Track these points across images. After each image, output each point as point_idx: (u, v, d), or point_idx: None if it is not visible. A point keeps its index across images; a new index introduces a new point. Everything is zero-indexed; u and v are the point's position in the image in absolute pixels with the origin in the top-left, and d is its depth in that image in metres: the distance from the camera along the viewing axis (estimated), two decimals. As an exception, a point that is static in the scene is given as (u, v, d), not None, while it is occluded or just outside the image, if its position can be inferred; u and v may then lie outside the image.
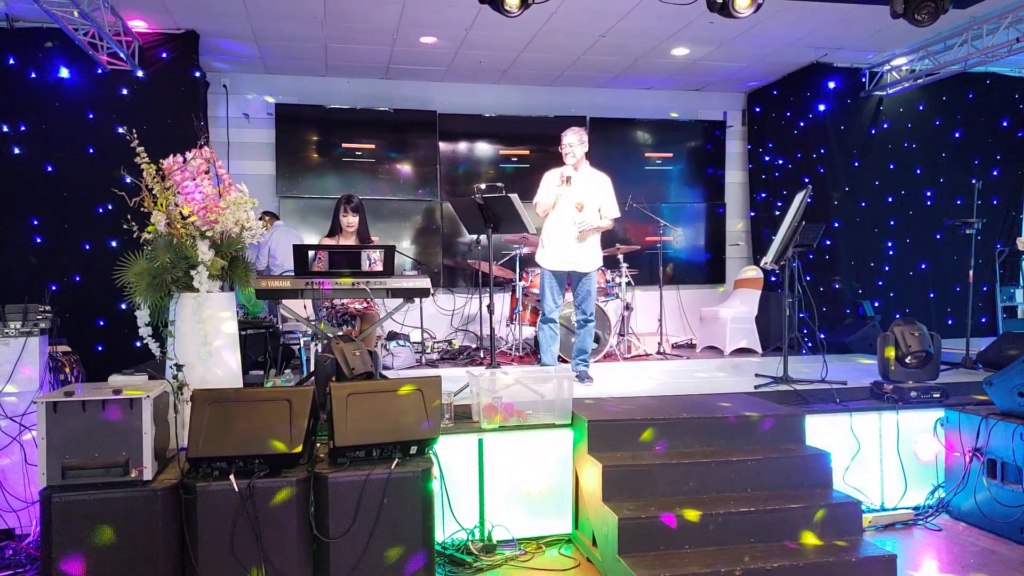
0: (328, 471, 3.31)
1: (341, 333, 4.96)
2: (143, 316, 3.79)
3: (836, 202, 7.99)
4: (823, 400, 4.80)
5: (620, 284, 7.34)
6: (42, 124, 6.37)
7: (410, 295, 4.74)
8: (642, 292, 8.32)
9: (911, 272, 8.29)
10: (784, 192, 8.45)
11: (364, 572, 3.25)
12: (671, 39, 7.12)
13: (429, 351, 7.47)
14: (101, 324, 6.35)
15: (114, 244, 6.15)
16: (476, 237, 7.42)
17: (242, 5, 6.16)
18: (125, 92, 6.56)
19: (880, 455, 4.58)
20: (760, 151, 8.98)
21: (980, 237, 6.69)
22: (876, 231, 8.16)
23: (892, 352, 4.80)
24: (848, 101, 8.09)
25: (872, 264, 8.17)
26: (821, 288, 7.96)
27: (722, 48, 7.42)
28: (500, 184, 5.54)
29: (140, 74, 6.60)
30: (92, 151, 6.37)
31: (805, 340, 7.23)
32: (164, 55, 6.69)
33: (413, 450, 3.51)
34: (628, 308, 7.53)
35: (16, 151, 6.33)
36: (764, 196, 8.90)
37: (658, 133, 9.07)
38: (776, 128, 8.65)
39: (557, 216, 5.33)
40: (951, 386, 4.88)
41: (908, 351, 4.78)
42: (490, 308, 5.05)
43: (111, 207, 6.01)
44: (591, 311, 5.41)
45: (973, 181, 6.48)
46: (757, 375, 5.51)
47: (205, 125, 7.17)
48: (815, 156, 8.11)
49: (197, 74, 6.92)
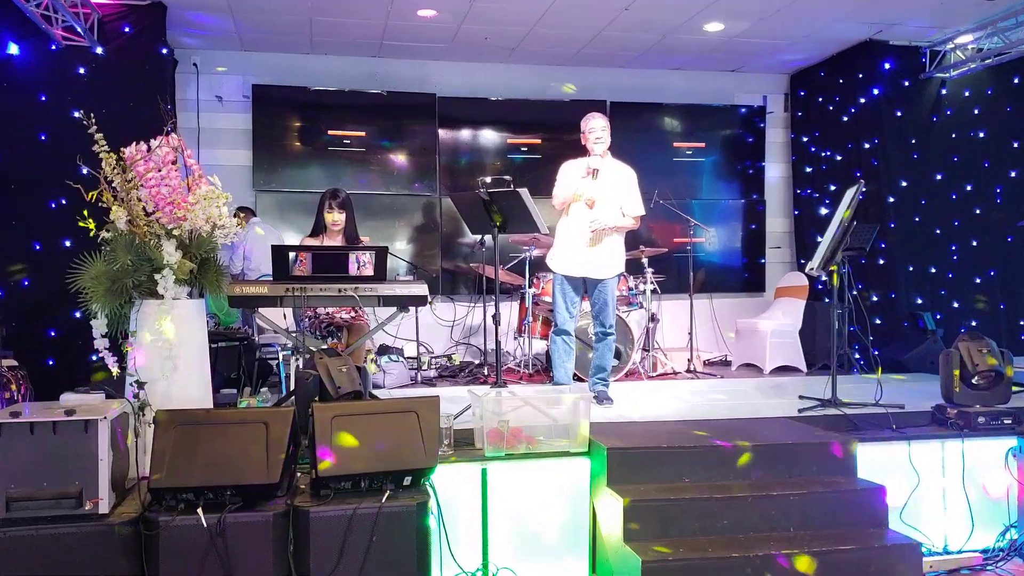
0: (309, 504, 3.31)
1: (325, 346, 4.96)
2: (100, 326, 3.79)
3: (892, 199, 7.97)
4: (877, 426, 4.78)
5: (644, 292, 7.33)
6: (-14, 107, 6.41)
7: (404, 303, 4.74)
8: (669, 301, 8.31)
9: (978, 280, 8.25)
10: (832, 188, 8.45)
11: (350, 620, 3.24)
12: (703, 12, 7.13)
13: (426, 367, 7.46)
14: (52, 335, 6.36)
15: (68, 244, 6.15)
16: (480, 238, 7.41)
17: (216, -27, 6.21)
18: (82, 71, 6.58)
19: (943, 490, 4.56)
20: (805, 141, 8.98)
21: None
22: (938, 232, 8.14)
23: (957, 371, 4.78)
24: (906, 84, 8.08)
25: (933, 270, 8.14)
26: (875, 298, 7.93)
27: (762, 23, 7.42)
28: (508, 177, 5.59)
29: (99, 51, 6.62)
30: (44, 138, 6.39)
31: (856, 357, 7.20)
32: (127, 29, 6.72)
33: (407, 481, 3.50)
34: (653, 319, 7.52)
35: (-45, 138, 6.36)
36: (809, 192, 8.90)
37: (688, 120, 9.07)
38: (823, 114, 8.65)
39: (575, 212, 5.31)
40: (1025, 411, 4.86)
41: (975, 370, 4.76)
42: (495, 319, 5.05)
43: (65, 202, 6.02)
44: (610, 323, 5.40)
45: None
46: (801, 397, 5.50)
47: (173, 109, 7.16)
48: (868, 147, 8.09)
49: (164, 51, 6.95)
